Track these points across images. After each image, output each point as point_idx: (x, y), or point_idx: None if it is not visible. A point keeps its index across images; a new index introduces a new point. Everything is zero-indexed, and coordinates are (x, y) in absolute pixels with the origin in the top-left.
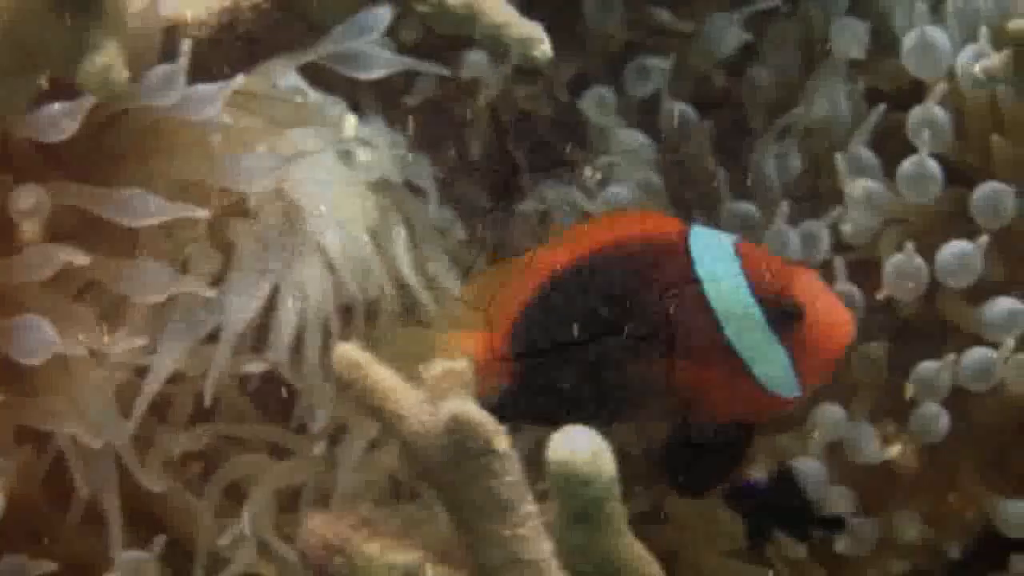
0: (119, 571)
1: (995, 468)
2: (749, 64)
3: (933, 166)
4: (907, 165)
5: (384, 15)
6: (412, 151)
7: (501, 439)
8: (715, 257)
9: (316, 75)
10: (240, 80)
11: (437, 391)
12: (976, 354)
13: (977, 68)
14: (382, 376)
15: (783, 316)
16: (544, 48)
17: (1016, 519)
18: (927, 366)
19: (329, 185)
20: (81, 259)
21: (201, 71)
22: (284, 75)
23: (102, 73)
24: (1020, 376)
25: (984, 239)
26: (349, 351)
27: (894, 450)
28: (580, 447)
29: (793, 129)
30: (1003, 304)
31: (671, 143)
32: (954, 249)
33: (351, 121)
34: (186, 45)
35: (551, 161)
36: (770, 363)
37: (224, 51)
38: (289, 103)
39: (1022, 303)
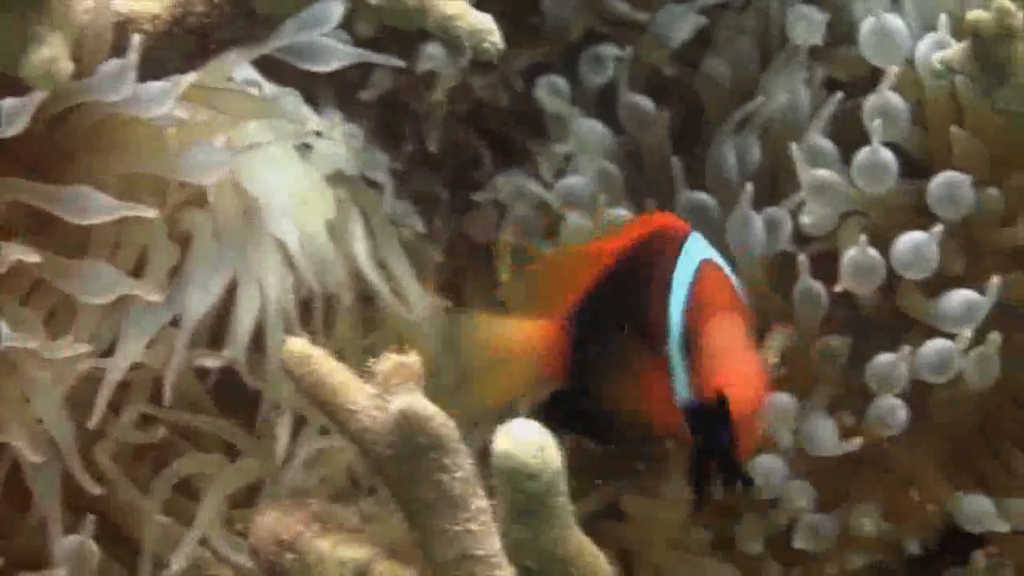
0: (62, 561)
1: (955, 463)
2: (704, 55)
3: (887, 156)
4: (861, 155)
5: (336, 8)
6: (369, 144)
7: (451, 434)
8: (684, 267)
9: (271, 68)
10: (191, 76)
11: (388, 385)
12: (935, 346)
13: (936, 59)
14: (332, 370)
15: (686, 344)
16: (494, 40)
17: (976, 514)
18: (884, 359)
19: (286, 178)
20: (32, 257)
21: (153, 65)
22: (239, 68)
23: (46, 65)
24: (980, 371)
25: (938, 228)
26: (299, 345)
27: (856, 442)
28: (525, 440)
29: (752, 119)
30: (961, 296)
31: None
32: (909, 241)
33: (336, 119)
34: (136, 40)
35: (509, 151)
36: (679, 380)
37: (176, 45)
38: (244, 96)
39: (980, 295)
